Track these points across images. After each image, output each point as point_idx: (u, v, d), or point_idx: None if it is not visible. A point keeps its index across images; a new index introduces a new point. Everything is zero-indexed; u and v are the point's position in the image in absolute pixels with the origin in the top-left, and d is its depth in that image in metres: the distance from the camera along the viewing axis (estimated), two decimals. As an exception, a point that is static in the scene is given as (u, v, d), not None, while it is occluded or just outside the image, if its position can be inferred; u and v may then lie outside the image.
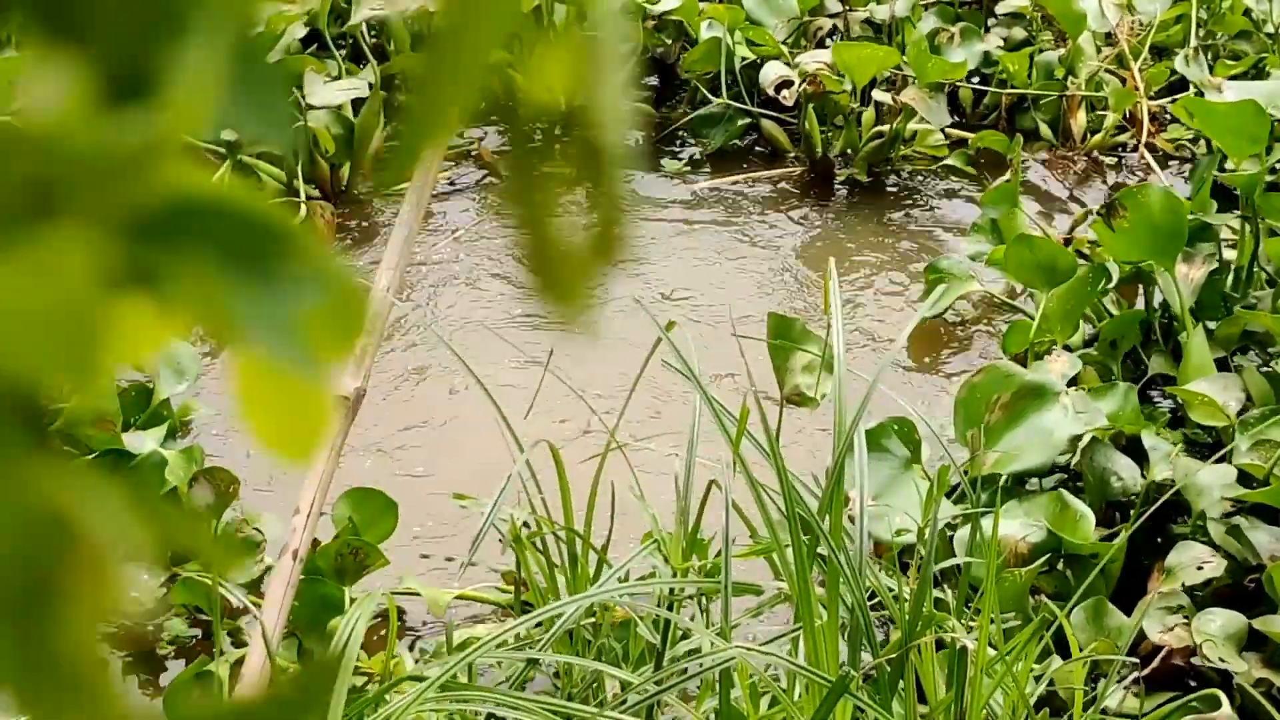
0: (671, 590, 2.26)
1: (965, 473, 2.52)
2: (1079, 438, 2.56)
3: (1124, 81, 4.08)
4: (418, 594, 2.49)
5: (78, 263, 0.33)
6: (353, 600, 2.35)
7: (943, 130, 3.95)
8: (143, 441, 2.60)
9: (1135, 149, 4.01)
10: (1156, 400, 2.92)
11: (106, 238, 0.33)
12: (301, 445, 0.39)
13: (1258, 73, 3.95)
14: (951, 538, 2.42)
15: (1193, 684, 2.35)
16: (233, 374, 0.38)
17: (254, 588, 2.45)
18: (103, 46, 0.34)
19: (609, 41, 0.41)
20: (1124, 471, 2.58)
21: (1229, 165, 3.15)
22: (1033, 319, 2.96)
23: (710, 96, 4.06)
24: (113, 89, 0.34)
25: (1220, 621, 2.33)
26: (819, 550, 2.11)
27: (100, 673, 0.33)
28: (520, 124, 0.41)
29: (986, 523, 2.27)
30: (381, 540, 2.48)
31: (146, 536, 0.34)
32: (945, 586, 2.36)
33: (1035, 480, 2.59)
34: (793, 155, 4.00)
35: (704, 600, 2.30)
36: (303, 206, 3.60)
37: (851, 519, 2.19)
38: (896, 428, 2.59)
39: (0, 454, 0.32)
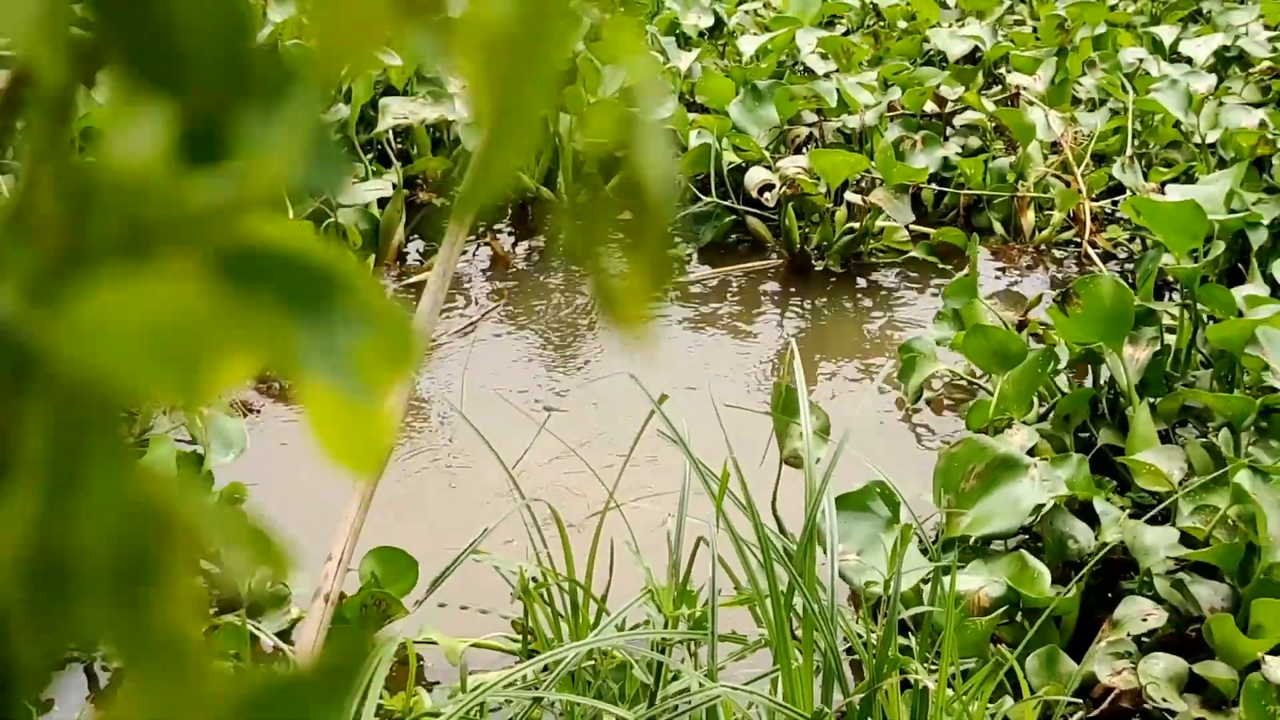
0: (664, 636, 2.23)
1: (939, 534, 2.50)
2: (1042, 505, 2.54)
3: (1068, 185, 4.08)
4: (435, 642, 2.44)
5: (188, 288, 0.33)
6: (375, 647, 2.30)
7: (907, 227, 3.95)
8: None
9: (1079, 245, 3.99)
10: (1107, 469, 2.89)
11: (206, 273, 0.34)
12: (365, 460, 0.39)
13: (1188, 178, 3.94)
14: (923, 591, 2.38)
15: (1139, 724, 2.32)
16: (303, 398, 0.38)
17: (284, 637, 2.40)
18: (189, 96, 0.34)
19: (649, 101, 0.42)
20: (1080, 535, 2.56)
21: (1168, 259, 3.14)
22: (992, 397, 2.94)
23: (700, 196, 4.04)
24: (193, 141, 0.35)
25: (1163, 665, 2.29)
26: (796, 601, 2.08)
27: (195, 642, 0.34)
28: (575, 176, 0.41)
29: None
30: (403, 594, 2.45)
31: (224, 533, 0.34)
32: (911, 634, 2.32)
33: (1000, 541, 2.56)
34: (774, 249, 3.98)
35: (693, 645, 2.27)
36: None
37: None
38: (879, 490, 2.56)
39: (107, 452, 0.33)
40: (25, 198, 0.32)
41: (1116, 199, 4.05)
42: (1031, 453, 2.74)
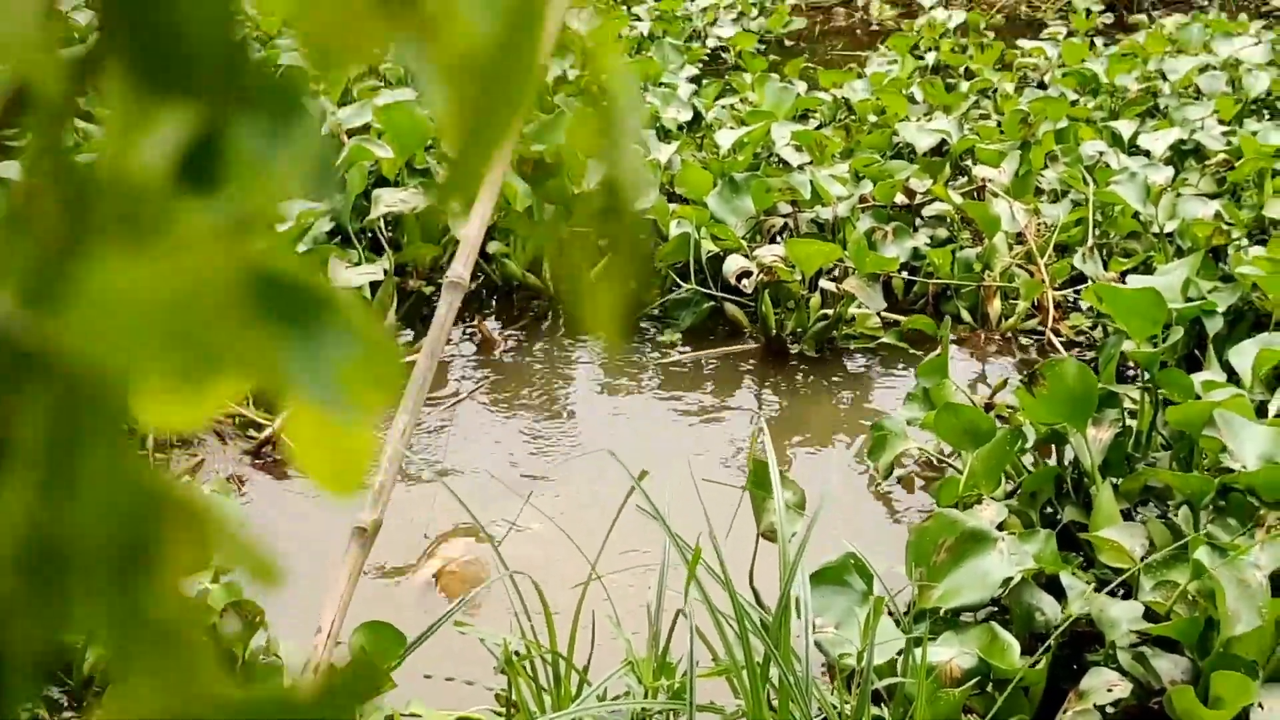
0: (643, 707, 2.22)
1: (911, 606, 2.49)
2: (1011, 578, 2.53)
3: (1032, 274, 4.10)
4: (420, 716, 2.42)
5: (217, 270, 0.32)
6: (362, 717, 2.28)
7: (879, 314, 3.96)
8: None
9: (1043, 332, 4.01)
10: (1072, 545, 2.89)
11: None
12: (347, 482, 0.38)
13: (1146, 268, 3.96)
14: (896, 662, 2.37)
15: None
16: (289, 422, 0.37)
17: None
18: (190, 96, 0.33)
19: (625, 114, 0.41)
20: (1046, 607, 2.55)
21: (1129, 345, 3.15)
22: (961, 474, 2.94)
23: (681, 283, 4.06)
24: (194, 150, 0.34)
25: (1127, 737, 2.29)
26: (772, 672, 2.07)
27: (194, 633, 0.32)
28: (556, 188, 0.41)
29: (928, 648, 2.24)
30: (392, 669, 2.42)
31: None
32: (884, 704, 2.31)
33: (970, 613, 2.55)
34: (751, 334, 3.99)
35: (672, 715, 2.25)
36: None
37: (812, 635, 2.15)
38: (854, 563, 2.56)
39: (106, 438, 0.32)
40: (24, 194, 0.32)
41: (1079, 288, 4.07)
42: (1000, 528, 2.74)
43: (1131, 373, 3.53)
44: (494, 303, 4.23)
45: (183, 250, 0.32)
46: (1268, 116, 5.04)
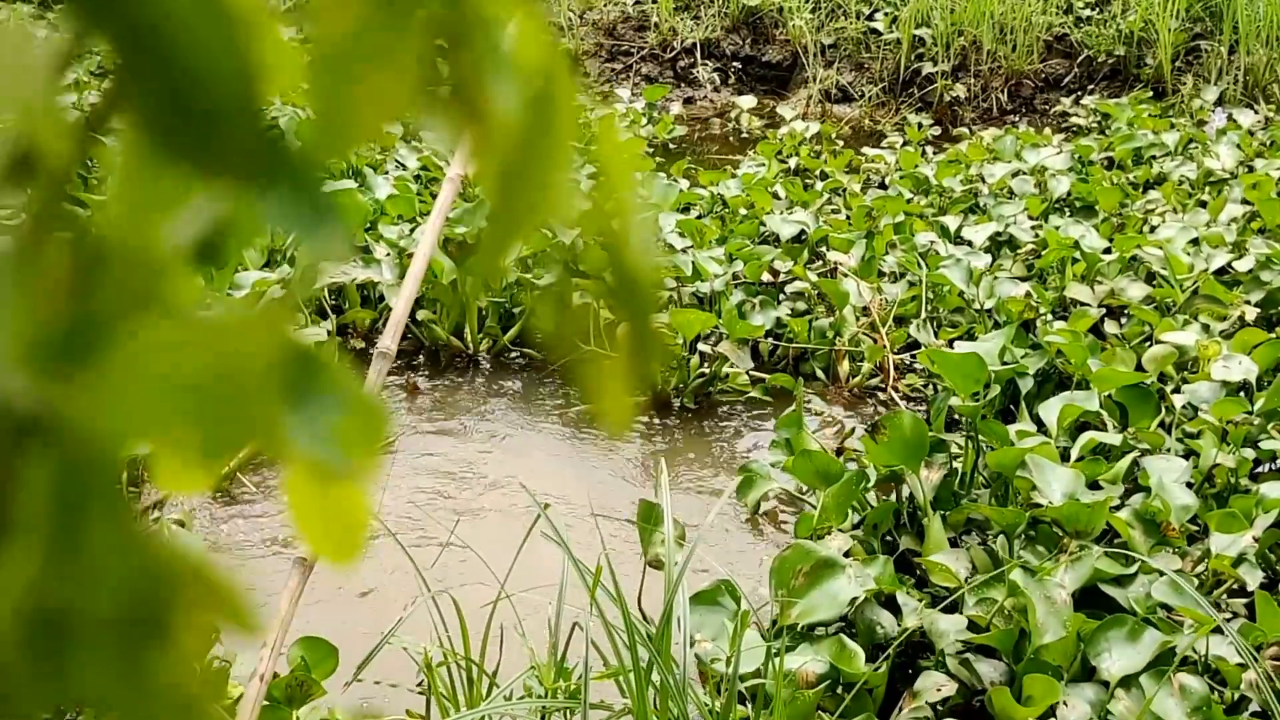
0: (544, 705, 2.18)
1: (774, 621, 2.47)
2: (857, 598, 2.52)
3: (875, 341, 4.12)
4: None
5: (255, 350, 0.29)
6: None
7: (747, 372, 3.96)
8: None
9: (884, 389, 4.03)
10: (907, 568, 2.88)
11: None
12: (346, 551, 0.36)
13: (969, 337, 3.99)
14: (760, 668, 2.35)
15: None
16: (288, 500, 0.35)
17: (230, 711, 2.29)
18: (206, 161, 0.28)
19: (635, 201, 0.39)
20: (886, 621, 2.54)
21: (955, 400, 3.16)
22: (815, 509, 2.93)
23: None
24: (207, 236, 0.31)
25: (954, 730, 2.27)
26: (654, 676, 2.04)
27: (201, 700, 0.28)
28: (565, 271, 0.38)
29: (786, 658, 2.21)
30: (325, 676, 2.34)
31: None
32: (749, 704, 2.28)
33: (823, 626, 2.53)
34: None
35: (568, 713, 2.21)
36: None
37: (691, 644, 2.11)
38: (726, 587, 2.54)
39: (111, 511, 0.27)
40: (30, 262, 0.27)
41: (914, 352, 4.10)
42: (846, 555, 2.73)
43: (958, 423, 3.55)
44: (422, 360, 4.17)
45: (218, 328, 0.28)
46: (1068, 214, 5.12)
